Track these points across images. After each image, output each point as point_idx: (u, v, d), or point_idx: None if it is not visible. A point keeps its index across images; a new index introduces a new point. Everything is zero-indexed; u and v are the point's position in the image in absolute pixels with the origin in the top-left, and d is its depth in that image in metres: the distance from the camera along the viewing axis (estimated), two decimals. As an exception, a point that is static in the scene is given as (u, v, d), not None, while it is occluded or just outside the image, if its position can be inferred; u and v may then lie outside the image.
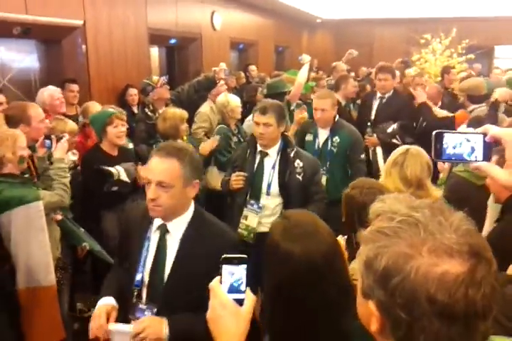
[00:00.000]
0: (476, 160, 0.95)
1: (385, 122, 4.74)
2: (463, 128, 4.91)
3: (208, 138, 4.39)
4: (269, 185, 2.99)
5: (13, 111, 3.02)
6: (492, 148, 0.95)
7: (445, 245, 0.70)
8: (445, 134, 0.96)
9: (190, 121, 4.10)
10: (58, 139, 2.76)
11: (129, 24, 5.68)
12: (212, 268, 1.41)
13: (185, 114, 3.88)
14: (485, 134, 0.93)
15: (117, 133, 3.33)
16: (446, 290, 0.68)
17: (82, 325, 3.53)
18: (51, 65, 5.01)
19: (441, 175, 3.54)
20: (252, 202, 3.02)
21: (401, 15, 11.65)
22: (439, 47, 8.52)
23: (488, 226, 2.44)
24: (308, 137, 3.94)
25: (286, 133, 3.15)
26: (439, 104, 5.53)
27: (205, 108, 4.80)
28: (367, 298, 0.76)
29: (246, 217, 3.02)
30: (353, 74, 6.52)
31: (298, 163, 2.99)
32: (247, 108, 5.03)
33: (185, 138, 3.93)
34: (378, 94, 5.01)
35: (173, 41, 6.89)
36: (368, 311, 0.76)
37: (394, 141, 4.64)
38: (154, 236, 1.87)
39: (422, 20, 11.24)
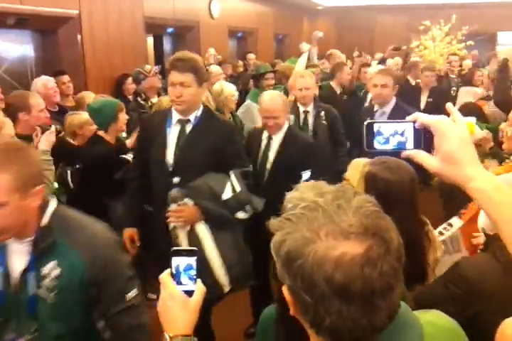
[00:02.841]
0: (405, 148, 0.94)
1: (190, 174, 2.46)
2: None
3: None
4: None
5: (14, 99, 3.11)
6: (422, 135, 0.94)
7: (341, 228, 0.73)
8: (375, 124, 0.95)
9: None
10: (44, 131, 2.78)
11: (125, 13, 5.68)
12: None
13: None
14: (414, 122, 0.93)
15: (125, 119, 3.41)
16: (342, 270, 0.70)
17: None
18: (47, 55, 5.04)
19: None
20: None
21: (402, 2, 11.55)
22: (439, 33, 8.46)
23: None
24: None
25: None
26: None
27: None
28: (282, 283, 0.79)
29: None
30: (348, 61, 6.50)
31: None
32: (243, 96, 5.06)
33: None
34: (176, 115, 2.56)
35: (170, 30, 6.89)
36: (286, 296, 0.79)
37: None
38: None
39: (422, 7, 11.16)
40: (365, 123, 0.95)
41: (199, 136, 2.53)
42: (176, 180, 2.53)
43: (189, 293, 1.07)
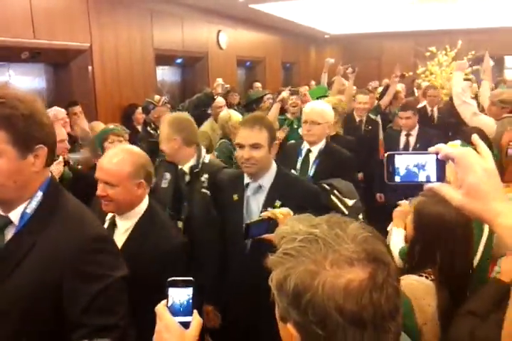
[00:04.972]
0: (429, 181, 0.92)
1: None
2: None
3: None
4: None
5: None
6: (445, 168, 0.91)
7: (344, 255, 0.74)
8: (397, 156, 0.93)
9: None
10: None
11: (135, 45, 5.83)
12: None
13: None
14: (437, 154, 0.90)
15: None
16: (352, 298, 0.71)
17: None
18: (59, 86, 5.17)
19: None
20: None
21: (408, 29, 11.70)
22: (445, 59, 8.53)
23: None
24: None
25: None
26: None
27: (205, 127, 4.91)
28: (284, 321, 0.78)
29: None
30: (354, 87, 6.52)
31: None
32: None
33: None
34: None
35: (179, 61, 7.04)
36: (288, 334, 0.78)
37: None
38: None
39: (427, 33, 11.28)
40: (386, 154, 0.95)
41: (21, 260, 1.23)
42: None
43: (185, 325, 1.04)
